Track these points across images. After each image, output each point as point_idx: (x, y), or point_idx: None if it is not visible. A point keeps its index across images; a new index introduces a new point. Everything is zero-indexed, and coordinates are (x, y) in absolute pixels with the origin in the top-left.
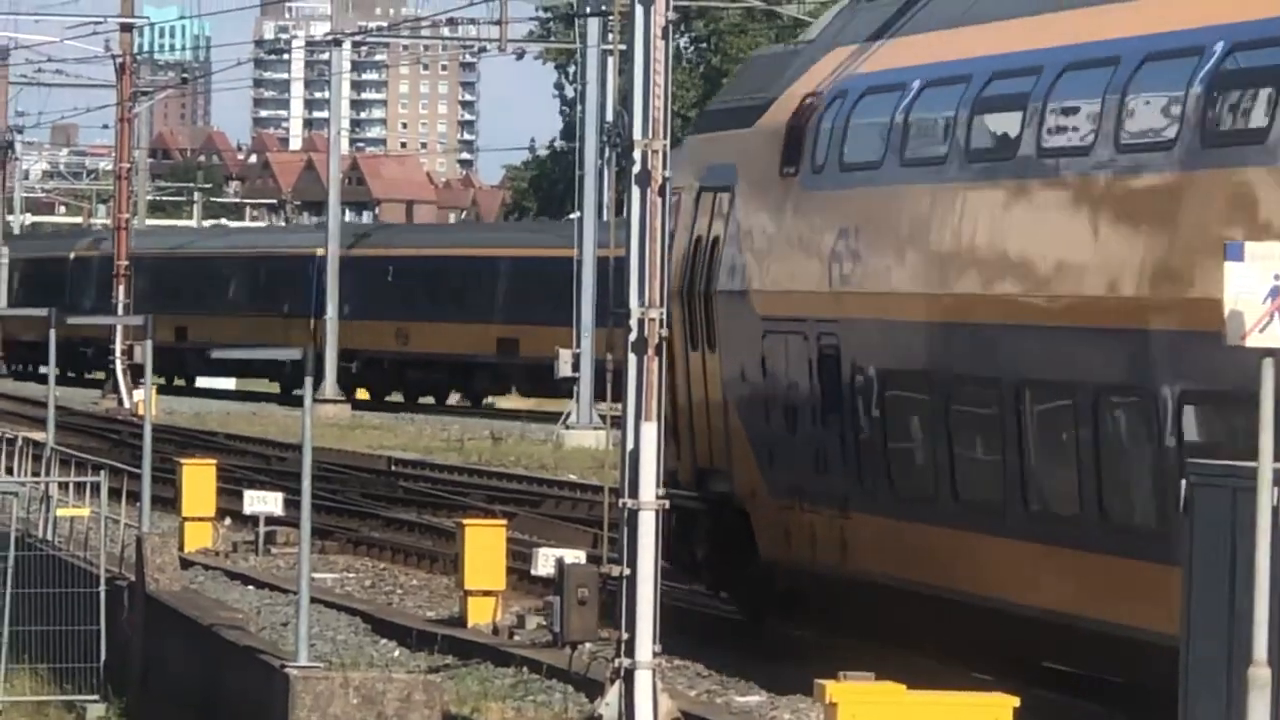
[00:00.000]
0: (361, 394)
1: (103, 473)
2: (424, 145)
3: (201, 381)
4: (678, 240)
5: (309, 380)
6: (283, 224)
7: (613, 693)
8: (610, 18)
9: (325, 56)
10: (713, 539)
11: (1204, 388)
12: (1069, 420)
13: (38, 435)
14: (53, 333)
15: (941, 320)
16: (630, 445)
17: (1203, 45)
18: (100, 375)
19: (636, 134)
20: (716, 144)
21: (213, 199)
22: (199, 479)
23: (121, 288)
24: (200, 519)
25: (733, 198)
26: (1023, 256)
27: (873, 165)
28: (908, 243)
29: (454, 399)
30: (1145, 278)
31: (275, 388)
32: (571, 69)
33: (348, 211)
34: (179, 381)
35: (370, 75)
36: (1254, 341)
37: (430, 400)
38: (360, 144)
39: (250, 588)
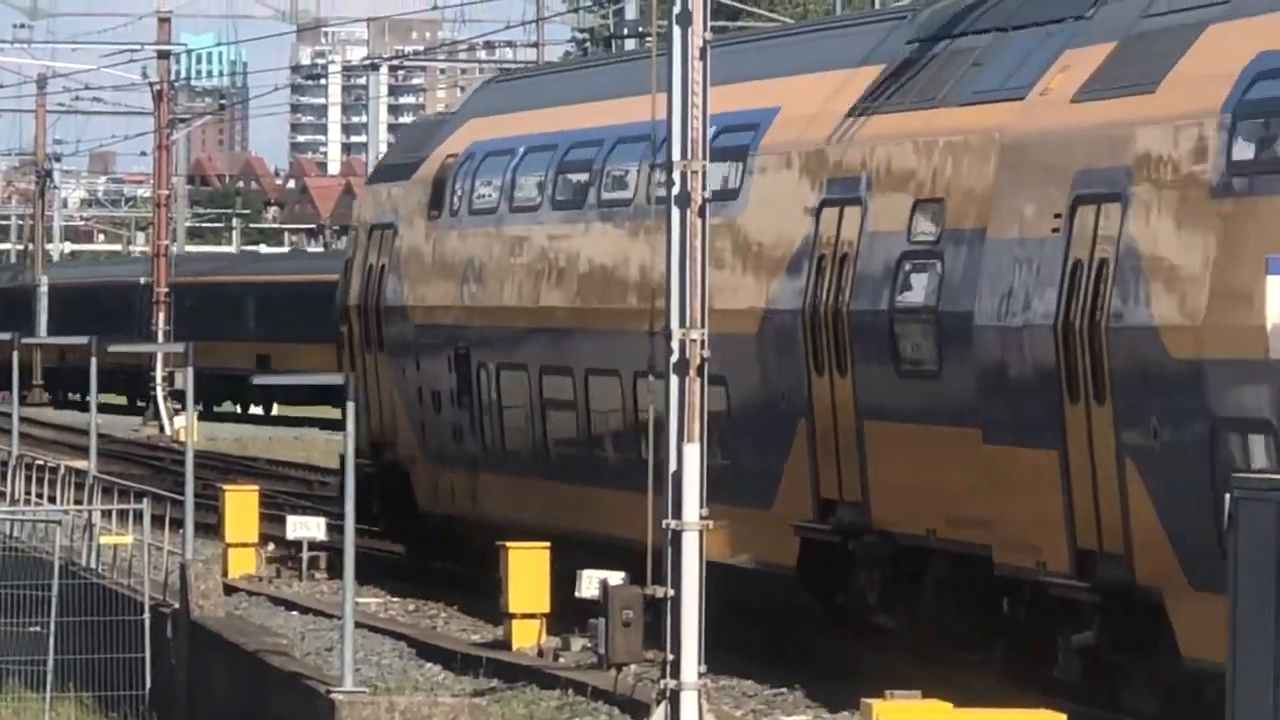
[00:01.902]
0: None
1: (145, 500)
2: None
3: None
4: (356, 268)
5: (350, 406)
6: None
7: (659, 714)
8: (647, 39)
9: (362, 81)
10: (385, 496)
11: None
12: (617, 396)
13: (80, 463)
14: (94, 361)
15: (535, 326)
16: (673, 467)
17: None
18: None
19: (675, 155)
20: (384, 193)
21: (251, 225)
22: (242, 505)
23: (161, 315)
24: (243, 545)
25: (395, 234)
26: (588, 279)
27: (491, 210)
28: (513, 269)
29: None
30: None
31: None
32: None
33: None
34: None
35: (407, 99)
36: None
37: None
38: None
39: (294, 613)
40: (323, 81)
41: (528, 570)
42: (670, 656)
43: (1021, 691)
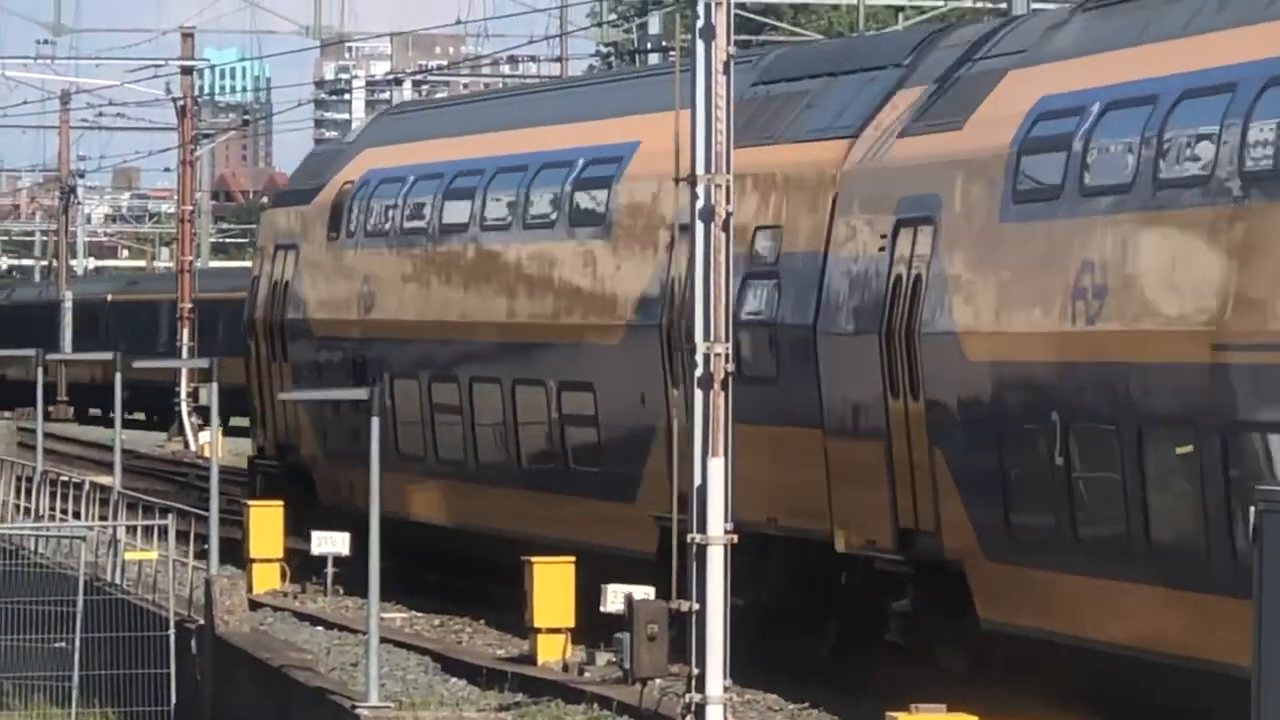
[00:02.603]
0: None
1: (170, 516)
2: None
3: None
4: (262, 284)
5: (375, 421)
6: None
7: None
8: (671, 53)
9: (386, 95)
10: (289, 493)
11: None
12: (497, 402)
13: (105, 479)
14: (119, 377)
15: (425, 338)
16: (698, 481)
17: (572, 159)
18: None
19: (699, 169)
20: (288, 215)
21: None
22: (266, 521)
23: (185, 330)
24: (268, 560)
25: (298, 254)
26: (471, 295)
27: (384, 232)
28: (404, 286)
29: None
30: (528, 313)
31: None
32: None
33: None
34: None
35: None
36: None
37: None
38: None
39: (319, 628)
40: (346, 96)
41: (553, 585)
42: (695, 670)
43: (1045, 708)
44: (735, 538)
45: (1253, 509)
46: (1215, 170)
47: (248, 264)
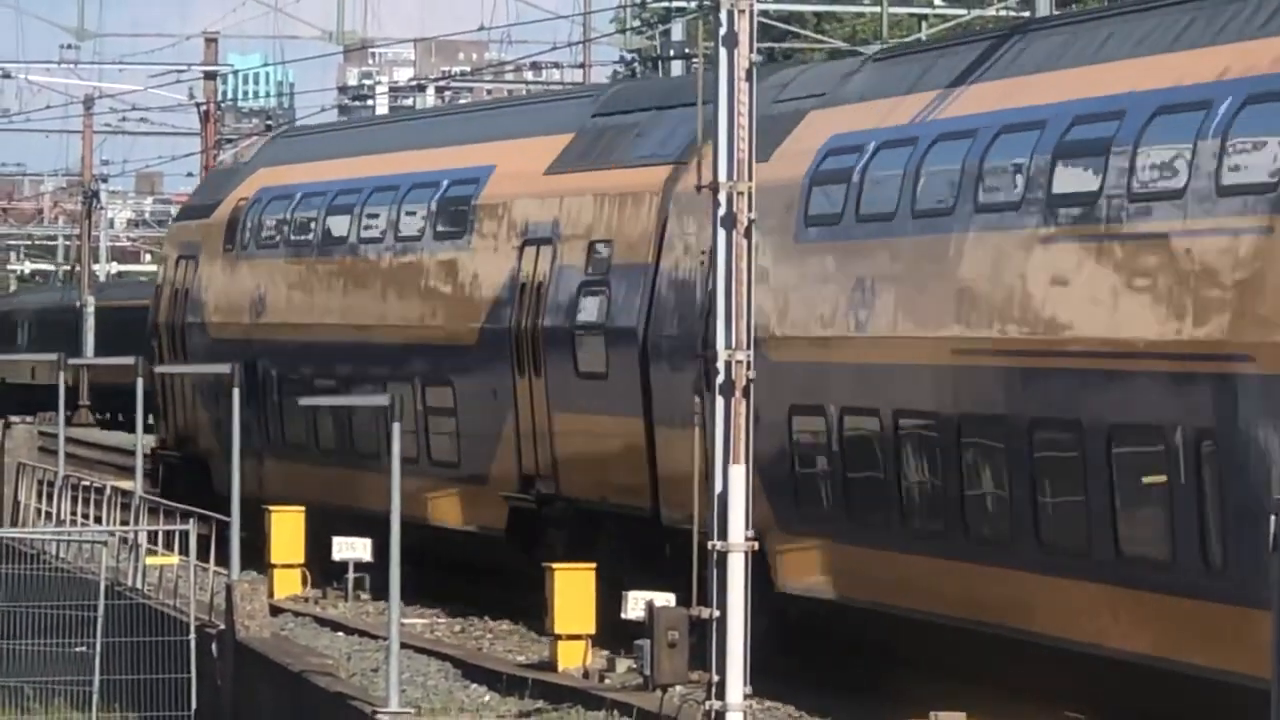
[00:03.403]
0: None
1: (191, 521)
2: None
3: None
4: (165, 290)
5: (396, 426)
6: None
7: None
8: (694, 60)
9: (409, 101)
10: (189, 482)
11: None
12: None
13: (126, 484)
14: (139, 381)
15: (309, 339)
16: (719, 488)
17: (438, 180)
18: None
19: (721, 176)
20: (190, 228)
21: None
22: (287, 526)
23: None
24: (288, 566)
25: (197, 264)
26: (348, 303)
27: (274, 245)
28: (290, 294)
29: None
30: (398, 317)
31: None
32: None
33: None
34: None
35: None
36: None
37: None
38: None
39: (340, 633)
40: (370, 102)
41: (574, 591)
42: (716, 678)
43: (1067, 716)
44: (756, 544)
45: (1273, 517)
46: (957, 205)
47: None
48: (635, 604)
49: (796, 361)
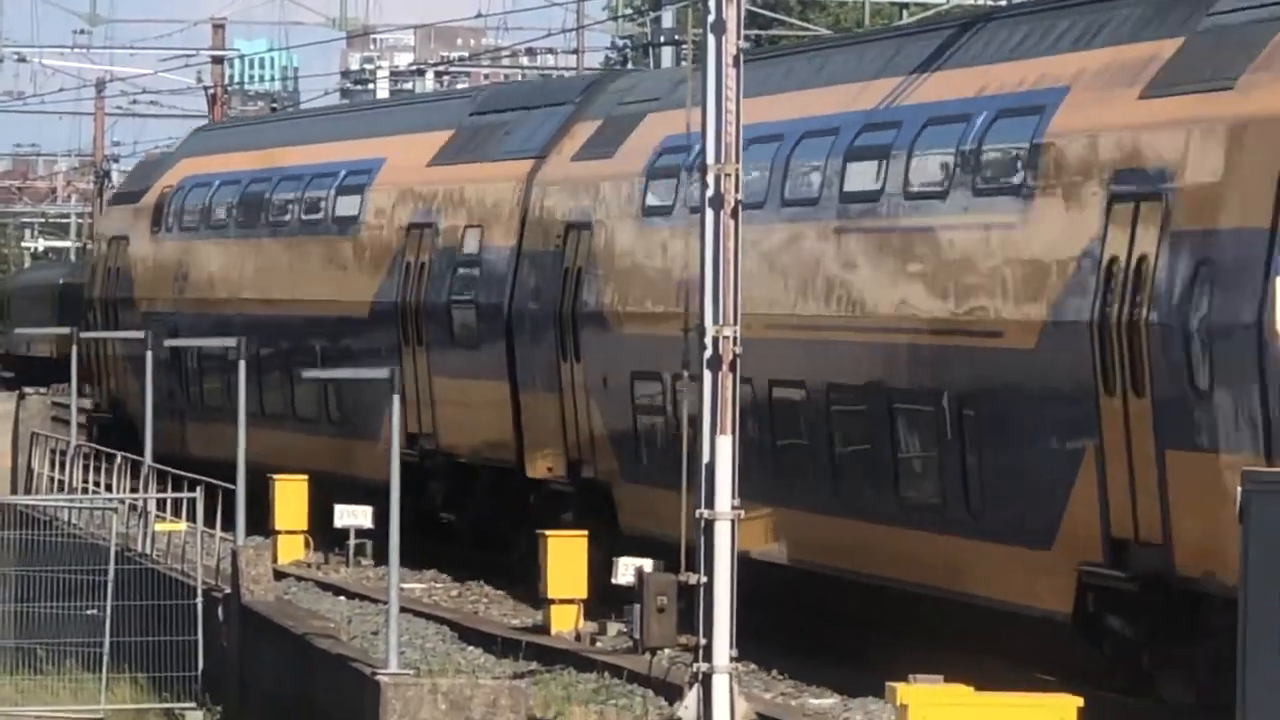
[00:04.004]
0: None
1: (199, 488)
2: None
3: None
4: (99, 268)
5: (396, 399)
6: None
7: (691, 696)
8: (684, 46)
9: (409, 85)
10: (120, 439)
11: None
12: (282, 363)
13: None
14: (149, 355)
15: (226, 313)
16: (706, 458)
17: (336, 171)
18: None
19: (709, 159)
20: (121, 212)
21: None
22: (291, 494)
23: None
24: (292, 532)
25: (128, 245)
26: (260, 281)
27: (195, 228)
28: (208, 272)
29: None
30: (303, 294)
31: None
32: None
33: None
34: None
35: None
36: None
37: None
38: None
39: (341, 598)
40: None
41: (566, 558)
42: (703, 641)
43: (1042, 678)
44: (742, 512)
45: (1239, 489)
46: (767, 198)
47: None
48: (625, 570)
49: (637, 334)
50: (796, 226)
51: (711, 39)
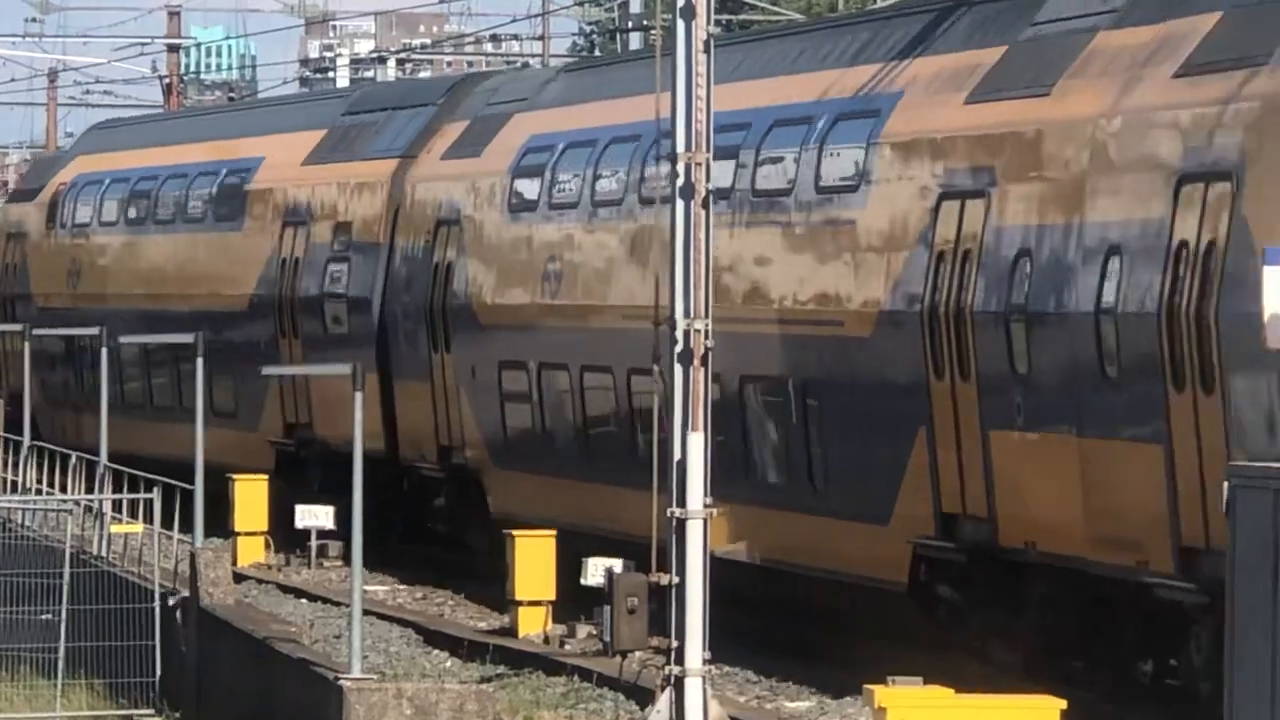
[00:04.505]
0: None
1: (155, 489)
2: None
3: None
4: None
5: (359, 396)
6: None
7: (663, 700)
8: (652, 32)
9: (370, 74)
10: (19, 431)
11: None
12: (169, 361)
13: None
14: (104, 351)
15: (115, 308)
16: (678, 455)
17: (218, 169)
18: None
19: (679, 147)
20: (19, 209)
21: None
22: (251, 494)
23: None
24: (252, 534)
25: (25, 241)
26: (150, 275)
27: (87, 224)
28: (100, 267)
29: None
30: (187, 287)
31: None
32: None
33: None
34: None
35: None
36: None
37: None
38: None
39: (303, 601)
40: (331, 74)
41: (534, 558)
42: (675, 643)
43: (1023, 680)
44: (715, 511)
45: (1225, 485)
46: (625, 196)
47: None
48: (595, 570)
49: (504, 324)
50: (603, 222)
51: (681, 24)
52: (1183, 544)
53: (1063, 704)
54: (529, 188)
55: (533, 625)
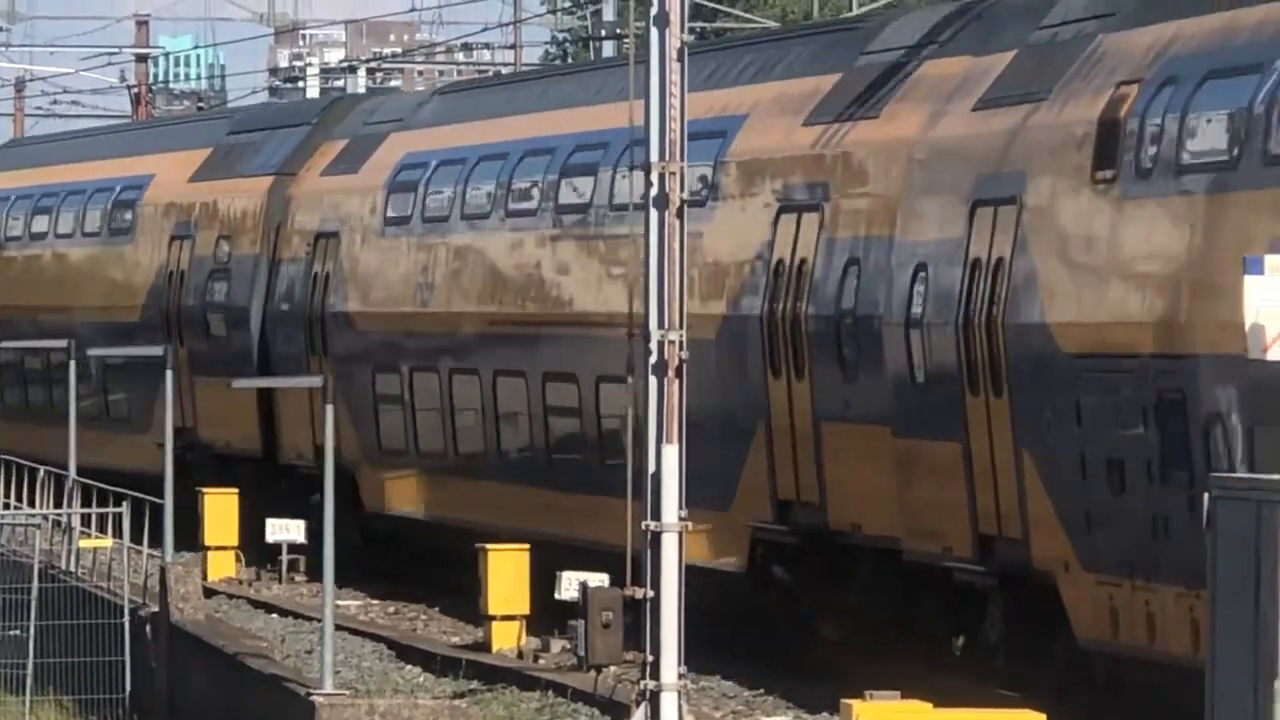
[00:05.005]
0: None
1: (125, 503)
2: None
3: None
4: None
5: (330, 409)
6: None
7: (638, 715)
8: (625, 40)
9: (340, 83)
10: None
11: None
12: (81, 365)
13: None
14: (72, 364)
15: (15, 318)
16: (652, 468)
17: (113, 185)
18: None
19: (653, 156)
20: None
21: None
22: (221, 508)
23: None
24: (223, 548)
25: None
26: (48, 289)
27: (18, 239)
28: (18, 278)
29: None
30: (84, 299)
31: None
32: None
33: None
34: None
35: None
36: (1275, 354)
37: None
38: None
39: (274, 615)
40: (301, 84)
41: (507, 572)
42: (650, 658)
43: (1001, 693)
44: (690, 524)
45: (1206, 496)
46: (492, 211)
47: None
48: (569, 584)
49: (378, 331)
50: (472, 236)
51: (654, 32)
52: (980, 532)
53: (1042, 717)
54: (403, 203)
55: (506, 640)
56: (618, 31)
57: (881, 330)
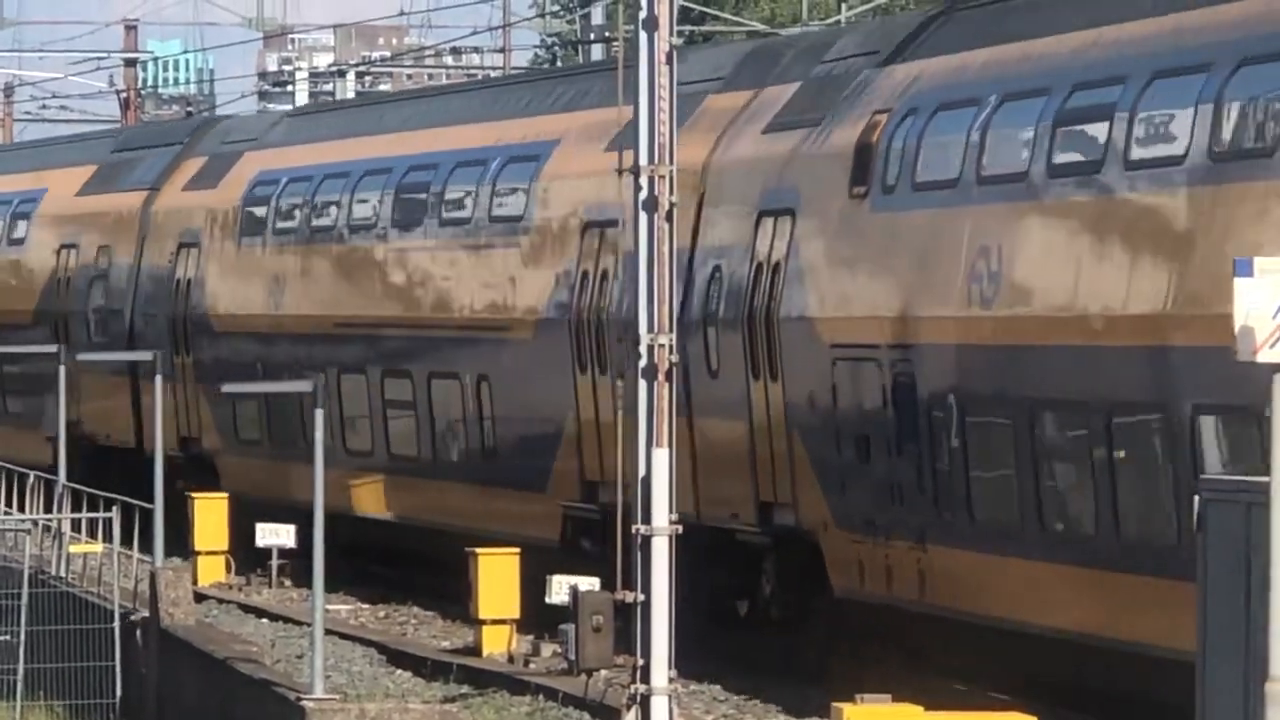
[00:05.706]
0: None
1: (115, 508)
2: None
3: None
4: None
5: (319, 413)
6: None
7: (629, 719)
8: (614, 44)
9: (329, 87)
10: None
11: None
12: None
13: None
14: (62, 369)
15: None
16: (642, 471)
17: (9, 199)
18: None
19: (642, 160)
20: None
21: None
22: (211, 513)
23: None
24: (213, 553)
25: None
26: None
27: None
28: None
29: None
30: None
31: None
32: None
33: None
34: None
35: None
36: (1264, 357)
37: None
38: None
39: (264, 620)
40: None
41: (498, 576)
42: (640, 661)
43: (991, 696)
44: (680, 528)
45: (1196, 498)
46: (336, 224)
47: None
48: (559, 588)
49: (235, 332)
50: (319, 247)
51: (643, 35)
52: (760, 500)
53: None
54: (257, 215)
55: (497, 644)
56: (606, 35)
57: (683, 327)
